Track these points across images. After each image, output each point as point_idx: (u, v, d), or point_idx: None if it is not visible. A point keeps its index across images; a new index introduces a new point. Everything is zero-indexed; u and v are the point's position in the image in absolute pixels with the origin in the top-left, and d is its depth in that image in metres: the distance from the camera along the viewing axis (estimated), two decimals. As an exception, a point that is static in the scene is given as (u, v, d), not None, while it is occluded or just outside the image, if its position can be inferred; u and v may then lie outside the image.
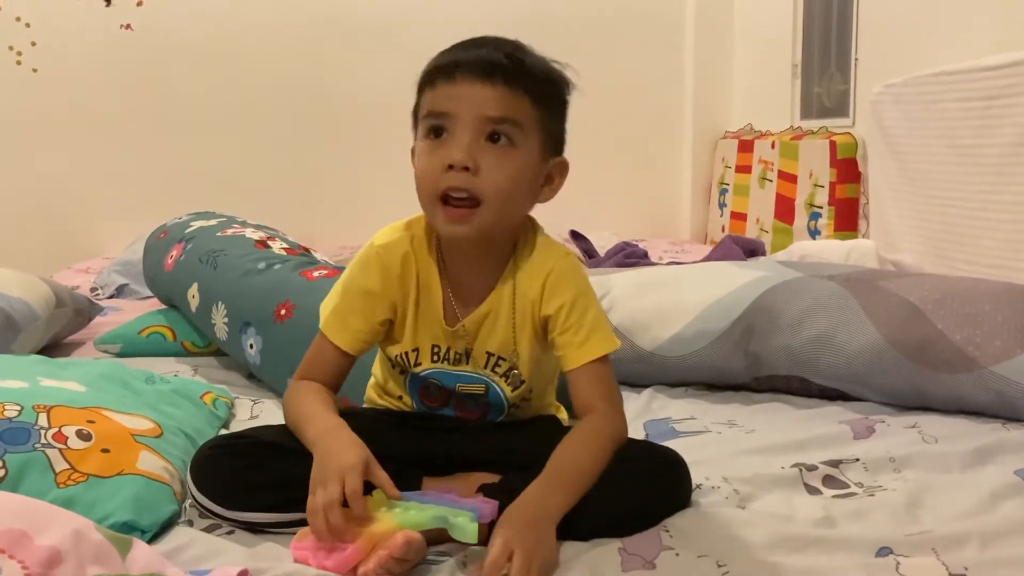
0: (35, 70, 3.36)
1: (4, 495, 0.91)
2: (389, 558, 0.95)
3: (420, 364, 1.19)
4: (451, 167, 1.06)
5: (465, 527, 0.96)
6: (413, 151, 1.15)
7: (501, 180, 1.07)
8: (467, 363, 1.18)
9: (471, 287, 1.17)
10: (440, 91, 1.08)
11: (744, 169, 3.58)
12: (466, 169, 1.06)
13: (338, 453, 1.01)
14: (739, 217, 3.61)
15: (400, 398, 1.26)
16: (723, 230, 3.72)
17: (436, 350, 1.18)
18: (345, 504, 0.98)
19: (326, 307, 1.19)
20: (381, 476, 1.01)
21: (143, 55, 3.45)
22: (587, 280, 1.17)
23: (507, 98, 1.07)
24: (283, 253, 1.85)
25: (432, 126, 1.09)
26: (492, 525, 0.99)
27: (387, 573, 0.95)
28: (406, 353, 1.19)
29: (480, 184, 1.07)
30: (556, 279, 1.14)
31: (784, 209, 3.24)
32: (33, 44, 3.35)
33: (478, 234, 1.10)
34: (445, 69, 1.08)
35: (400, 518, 0.98)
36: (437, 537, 1.01)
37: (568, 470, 1.05)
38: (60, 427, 1.14)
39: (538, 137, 1.11)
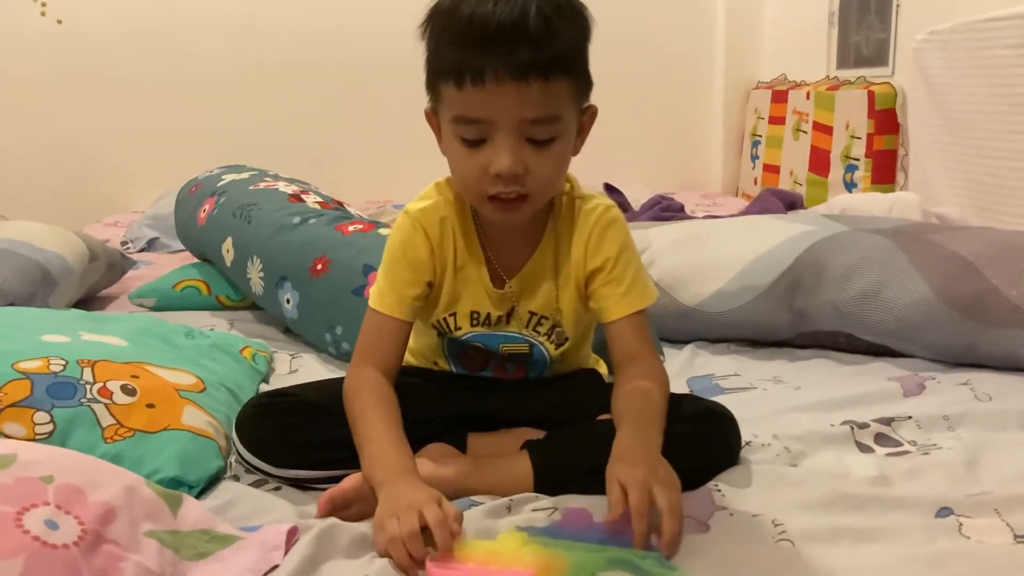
0: (60, 21, 3.33)
1: (57, 450, 0.90)
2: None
3: (460, 328, 1.17)
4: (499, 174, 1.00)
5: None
6: (428, 115, 1.08)
7: (549, 173, 1.03)
8: (509, 324, 1.16)
9: (512, 249, 1.14)
10: (469, 95, 0.98)
11: (777, 120, 3.51)
12: (515, 174, 1.01)
13: (411, 492, 0.94)
14: (772, 169, 3.55)
15: (436, 363, 1.24)
16: (755, 182, 3.66)
17: (475, 316, 1.16)
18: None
19: (376, 287, 1.15)
20: (450, 511, 0.92)
21: (170, 5, 3.41)
22: (629, 231, 1.15)
23: (545, 94, 0.98)
24: (317, 207, 1.82)
25: (467, 133, 1.01)
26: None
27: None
28: (444, 319, 1.17)
29: (529, 183, 1.02)
30: (601, 232, 1.13)
31: (819, 161, 3.18)
32: (57, -5, 3.32)
33: (528, 218, 1.09)
34: (471, 70, 0.96)
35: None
36: (465, 488, 1.03)
37: (649, 410, 1.03)
38: (105, 382, 1.14)
39: (575, 109, 1.05)
